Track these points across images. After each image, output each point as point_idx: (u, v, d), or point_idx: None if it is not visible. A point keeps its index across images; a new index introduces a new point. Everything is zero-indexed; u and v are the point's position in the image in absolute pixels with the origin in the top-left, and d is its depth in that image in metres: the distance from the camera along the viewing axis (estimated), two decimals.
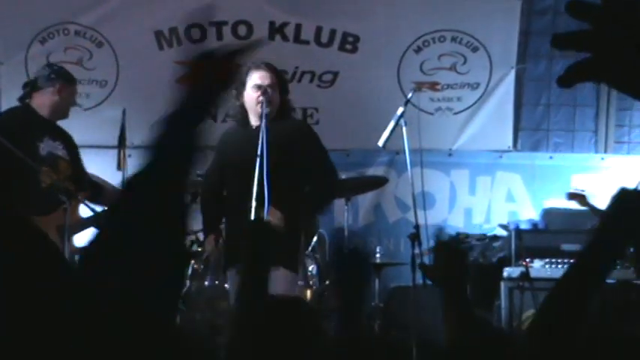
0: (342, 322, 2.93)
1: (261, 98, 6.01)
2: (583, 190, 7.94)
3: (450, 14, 8.83)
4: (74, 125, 8.00)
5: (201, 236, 7.24)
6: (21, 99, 6.62)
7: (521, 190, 8.80)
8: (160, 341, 1.69)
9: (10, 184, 6.13)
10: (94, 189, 6.58)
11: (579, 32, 1.30)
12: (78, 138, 8.39)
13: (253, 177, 5.82)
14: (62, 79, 6.56)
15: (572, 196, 8.01)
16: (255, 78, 6.08)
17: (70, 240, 6.35)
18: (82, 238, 6.44)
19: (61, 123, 6.80)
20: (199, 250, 7.07)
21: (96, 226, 6.33)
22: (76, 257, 6.38)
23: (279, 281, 5.37)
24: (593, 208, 7.79)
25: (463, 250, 2.74)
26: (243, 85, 6.12)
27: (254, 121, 6.15)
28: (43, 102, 6.47)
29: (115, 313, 1.61)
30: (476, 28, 8.83)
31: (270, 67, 6.18)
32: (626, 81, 1.33)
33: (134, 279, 1.66)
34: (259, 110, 6.04)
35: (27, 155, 6.12)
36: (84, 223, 6.40)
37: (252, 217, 5.75)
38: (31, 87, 6.52)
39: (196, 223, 7.48)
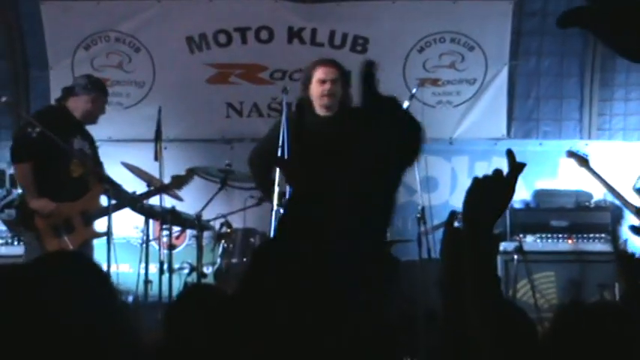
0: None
1: (325, 92, 5.98)
2: (586, 155, 7.80)
3: (449, 18, 8.78)
4: (116, 122, 8.04)
5: (231, 220, 7.24)
6: (58, 100, 6.72)
7: None
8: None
9: (48, 172, 6.23)
10: (110, 184, 6.64)
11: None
12: (119, 133, 8.44)
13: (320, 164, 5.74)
14: (97, 91, 6.65)
15: (571, 154, 7.85)
16: (320, 73, 6.08)
17: (92, 225, 6.52)
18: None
19: (103, 118, 6.83)
20: (229, 231, 7.06)
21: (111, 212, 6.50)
22: (94, 240, 6.53)
23: None
24: (593, 173, 7.65)
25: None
26: (309, 78, 6.10)
27: (319, 110, 6.12)
28: (77, 106, 6.55)
29: None
30: (472, 29, 8.78)
31: (333, 63, 6.17)
32: (613, 38, 1.30)
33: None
34: (322, 102, 6.03)
35: (64, 146, 6.19)
36: (103, 211, 6.47)
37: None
38: (68, 92, 6.59)
39: (225, 207, 7.49)
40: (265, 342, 1.29)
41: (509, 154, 1.84)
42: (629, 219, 7.71)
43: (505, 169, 2.03)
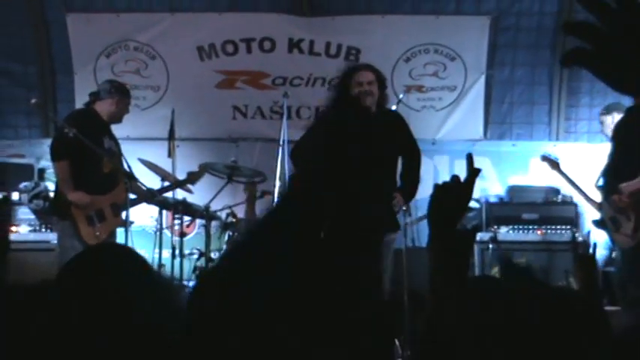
0: None
1: (363, 91, 5.96)
2: (557, 158, 7.78)
3: (433, 31, 8.81)
4: (134, 122, 8.05)
5: (236, 211, 7.28)
6: (86, 104, 6.73)
7: (490, 170, 8.79)
8: None
9: (83, 168, 6.28)
10: (130, 180, 6.66)
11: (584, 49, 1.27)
12: (137, 132, 8.46)
13: (370, 164, 5.69)
14: (119, 94, 6.68)
15: (545, 159, 7.80)
16: (359, 76, 6.05)
17: (120, 215, 6.53)
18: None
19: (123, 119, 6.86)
20: (234, 221, 7.10)
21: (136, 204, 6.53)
22: (120, 229, 6.55)
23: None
24: (562, 174, 7.62)
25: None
26: (348, 83, 6.07)
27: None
28: (103, 109, 6.59)
29: None
30: (453, 41, 8.81)
31: (371, 68, 6.13)
32: (615, 77, 1.30)
33: None
34: (361, 101, 6.00)
35: (93, 147, 6.23)
36: (129, 203, 6.50)
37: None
38: (95, 96, 6.63)
39: (231, 199, 7.52)
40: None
41: (469, 158, 1.85)
42: (592, 213, 7.74)
43: (482, 168, 2.06)
